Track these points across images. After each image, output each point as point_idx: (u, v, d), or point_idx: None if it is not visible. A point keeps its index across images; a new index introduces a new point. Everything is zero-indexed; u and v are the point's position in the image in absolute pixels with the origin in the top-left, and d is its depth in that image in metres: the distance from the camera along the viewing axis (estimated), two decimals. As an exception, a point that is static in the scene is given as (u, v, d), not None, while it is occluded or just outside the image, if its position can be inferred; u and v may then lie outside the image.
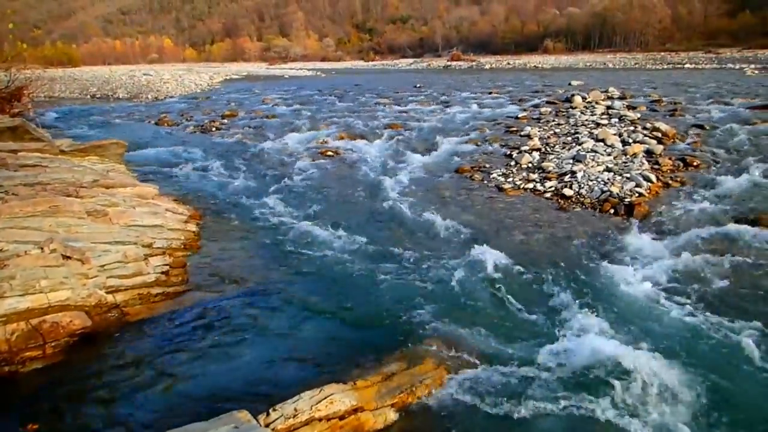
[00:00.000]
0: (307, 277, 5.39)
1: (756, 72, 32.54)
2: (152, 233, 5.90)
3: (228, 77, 53.11)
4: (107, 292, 4.62)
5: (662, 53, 72.10)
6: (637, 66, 51.52)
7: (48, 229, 4.97)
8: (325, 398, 3.19)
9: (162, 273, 5.29)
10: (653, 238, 6.12)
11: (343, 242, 6.24)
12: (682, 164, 9.04)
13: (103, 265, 4.83)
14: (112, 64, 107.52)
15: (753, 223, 6.27)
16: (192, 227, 6.66)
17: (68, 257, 4.59)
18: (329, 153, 11.67)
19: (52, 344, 3.99)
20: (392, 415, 3.33)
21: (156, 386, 3.68)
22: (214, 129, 15.94)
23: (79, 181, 6.69)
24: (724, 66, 42.43)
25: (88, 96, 32.19)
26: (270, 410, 3.03)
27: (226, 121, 17.67)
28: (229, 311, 4.71)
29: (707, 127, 12.03)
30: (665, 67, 47.04)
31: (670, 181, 8.19)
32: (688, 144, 10.62)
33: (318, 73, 61.20)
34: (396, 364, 3.73)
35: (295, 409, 3.06)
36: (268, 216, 7.38)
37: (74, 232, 5.11)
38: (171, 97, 28.99)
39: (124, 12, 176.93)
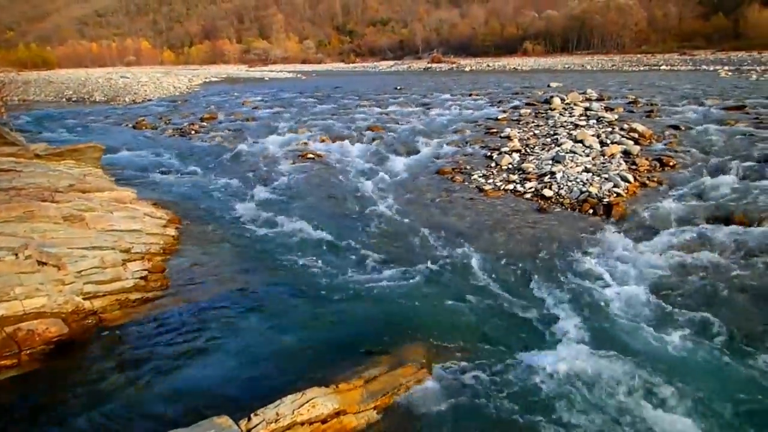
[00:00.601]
0: (288, 281, 5.36)
1: (729, 73, 33.21)
2: (130, 238, 5.82)
3: (207, 80, 52.63)
4: (84, 299, 4.54)
5: (638, 55, 73.22)
6: (614, 68, 52.22)
7: (23, 235, 4.87)
8: (307, 402, 3.17)
9: (140, 278, 5.23)
10: (631, 238, 6.20)
11: (324, 246, 6.22)
12: (658, 164, 9.18)
13: (79, 271, 4.75)
14: (89, 67, 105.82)
15: (726, 221, 6.41)
16: (171, 231, 6.58)
17: (44, 263, 4.50)
18: (310, 156, 11.62)
19: (28, 352, 3.91)
20: (375, 418, 3.33)
21: (134, 393, 3.63)
22: (193, 132, 15.78)
23: (54, 185, 6.58)
24: (698, 68, 43.24)
25: (64, 99, 31.67)
26: (251, 415, 3.01)
27: (205, 124, 17.51)
28: (209, 316, 4.66)
29: (683, 128, 12.25)
30: (642, 68, 47.77)
31: (647, 181, 8.31)
32: (665, 144, 10.79)
33: (298, 76, 60.96)
34: (378, 367, 3.73)
35: (277, 414, 3.04)
36: (248, 220, 7.32)
37: (50, 238, 5.02)
38: (149, 100, 28.65)
39: (100, 14, 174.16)
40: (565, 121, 13.17)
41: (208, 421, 2.91)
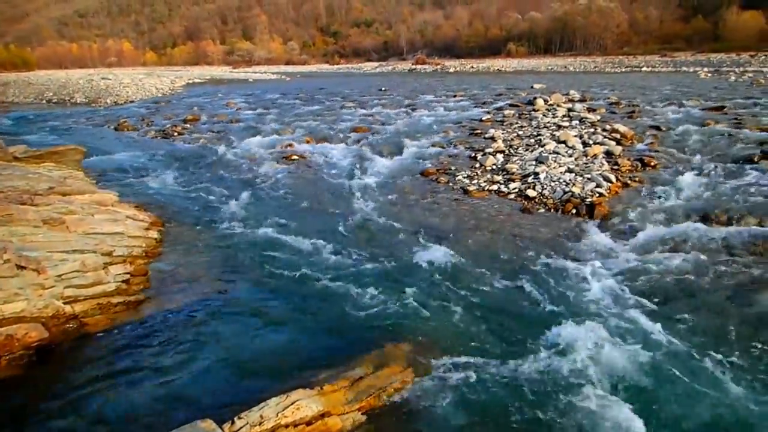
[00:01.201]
0: (272, 283, 5.33)
1: (709, 75, 33.73)
2: (112, 241, 5.75)
3: (190, 81, 52.20)
4: (65, 303, 4.48)
5: (620, 57, 74.11)
6: (596, 69, 52.75)
7: (1, 239, 4.79)
8: (292, 404, 3.15)
9: (122, 282, 5.17)
10: (614, 238, 6.28)
11: (308, 247, 6.20)
12: (640, 164, 9.29)
13: (60, 275, 4.68)
14: (69, 68, 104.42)
15: (706, 220, 6.51)
16: (154, 234, 6.52)
17: (23, 267, 4.43)
18: (294, 157, 11.58)
19: (7, 357, 3.85)
20: (360, 419, 3.33)
21: (117, 398, 3.58)
22: (176, 134, 15.64)
23: (34, 188, 6.48)
24: (679, 69, 43.83)
25: (44, 101, 31.20)
26: (235, 418, 2.99)
27: (188, 125, 17.37)
28: (192, 319, 4.63)
29: (663, 129, 12.42)
30: (623, 70, 48.29)
31: (629, 181, 8.40)
32: (646, 145, 10.93)
33: (283, 77, 60.72)
34: (363, 368, 3.72)
35: (261, 417, 3.02)
36: (232, 222, 7.27)
37: (29, 241, 4.94)
38: (131, 101, 28.33)
39: (81, 15, 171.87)
40: (549, 122, 13.28)
41: (191, 425, 2.88)
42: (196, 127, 16.93)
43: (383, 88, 32.51)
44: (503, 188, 8.50)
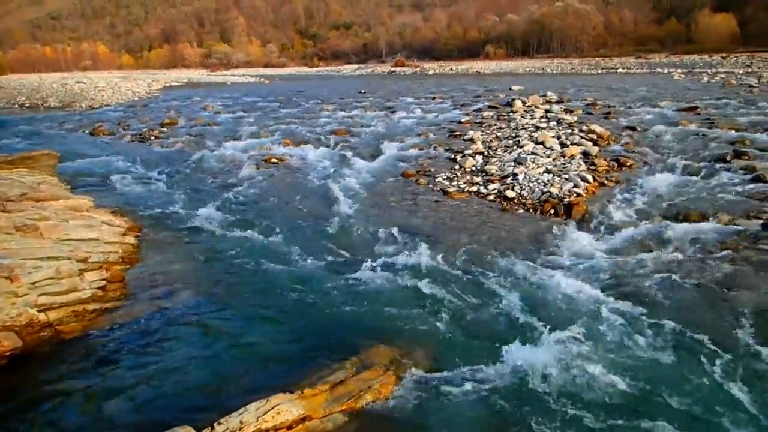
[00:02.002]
0: (251, 287, 5.29)
1: (682, 76, 34.37)
2: (87, 247, 5.65)
3: (168, 84, 51.62)
4: (39, 311, 4.38)
5: (596, 58, 75.10)
6: (573, 71, 53.41)
7: (-28, 247, 4.68)
8: (272, 409, 3.13)
9: (98, 288, 5.08)
10: (591, 237, 6.35)
11: (288, 250, 6.17)
12: (616, 164, 9.43)
13: (33, 282, 4.58)
14: (43, 72, 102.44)
15: (681, 219, 6.63)
16: (130, 240, 6.43)
17: (-5, 275, 4.34)
18: (274, 160, 11.52)
19: (-21, 367, 3.76)
20: (341, 422, 3.31)
21: (93, 406, 3.53)
22: (153, 138, 15.44)
23: (6, 194, 6.35)
24: (653, 70, 44.57)
25: (16, 105, 30.55)
26: (214, 424, 2.95)
27: (165, 129, 17.16)
28: (170, 325, 4.57)
29: (639, 129, 12.63)
30: (599, 71, 48.95)
31: (606, 181, 8.52)
32: (622, 145, 11.10)
33: (261, 80, 60.38)
34: (344, 371, 3.71)
35: (241, 422, 2.99)
36: (211, 226, 7.20)
37: (1, 249, 4.83)
38: (107, 105, 27.88)
39: (54, 17, 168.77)
40: (527, 124, 13.41)
41: (170, 431, 2.85)
42: (173, 131, 16.73)
43: (363, 91, 32.52)
44: (482, 189, 8.56)
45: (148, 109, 25.02)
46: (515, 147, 10.77)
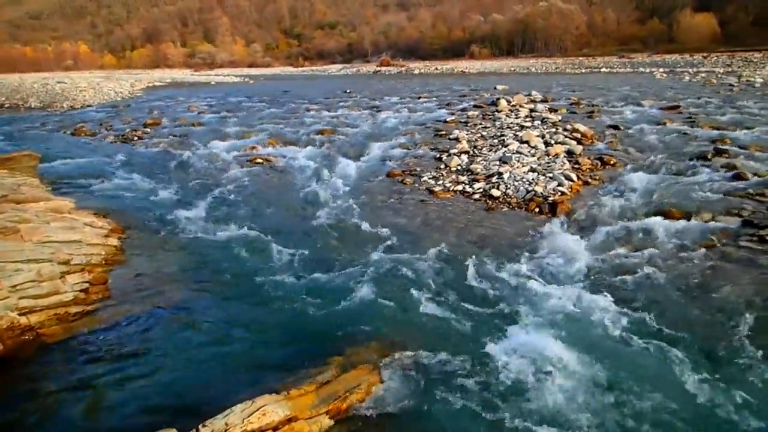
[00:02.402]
0: (236, 288, 5.25)
1: (664, 75, 34.80)
2: (69, 249, 5.57)
3: (151, 84, 51.12)
4: (20, 314, 4.32)
5: (580, 58, 75.78)
6: (557, 70, 53.80)
7: (-50, 250, 4.60)
8: (258, 410, 3.11)
9: (81, 291, 5.01)
10: (575, 235, 6.40)
11: (273, 251, 6.13)
12: (600, 163, 9.52)
13: (14, 286, 4.51)
14: (23, 72, 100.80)
15: (663, 216, 6.71)
16: (113, 241, 6.35)
17: (-26, 279, 4.26)
18: (259, 160, 11.45)
19: (-41, 372, 3.69)
20: (327, 423, 3.30)
21: (77, 409, 3.48)
22: (136, 138, 15.27)
23: (-15, 196, 6.25)
24: (636, 70, 45.07)
25: (-5, 106, 30.10)
26: (199, 426, 2.93)
27: (149, 130, 16.97)
28: (154, 327, 4.52)
29: (622, 128, 12.76)
30: (583, 71, 49.40)
31: (590, 180, 8.60)
32: (605, 144, 11.20)
33: (246, 80, 60.04)
34: (330, 371, 3.70)
35: (226, 424, 2.97)
36: (195, 227, 7.14)
37: (-20, 252, 4.75)
38: (89, 105, 27.51)
39: (34, 17, 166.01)
40: (512, 123, 13.48)
41: (154, 435, 2.82)
42: (157, 131, 16.56)
43: (348, 90, 32.48)
44: (468, 188, 8.59)
45: (131, 110, 24.74)
46: (500, 146, 10.82)
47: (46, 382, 3.80)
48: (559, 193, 7.85)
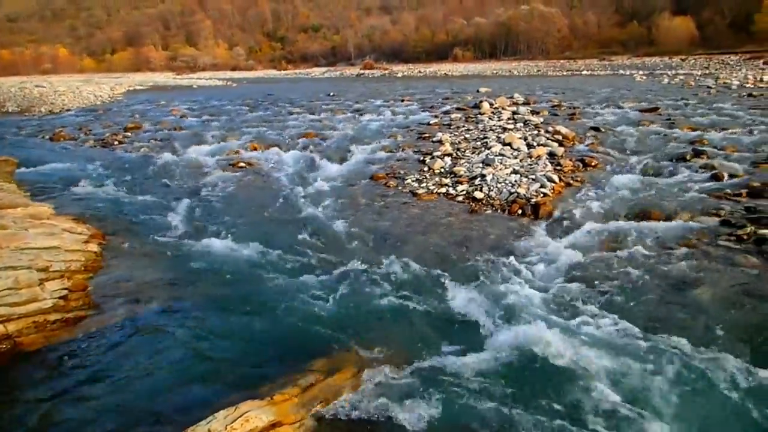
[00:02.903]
0: (218, 294, 5.20)
1: (644, 78, 35.31)
2: (48, 256, 5.47)
3: (132, 88, 50.60)
4: (-3, 323, 4.24)
5: (562, 61, 76.66)
6: (539, 73, 54.28)
7: (-77, 258, 4.50)
8: (241, 416, 3.08)
9: (60, 298, 4.93)
10: (558, 236, 6.45)
11: (256, 256, 6.09)
12: (581, 165, 9.61)
13: (-9, 294, 4.43)
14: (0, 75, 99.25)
15: (644, 216, 6.79)
16: (93, 247, 6.25)
17: (-52, 287, 4.17)
18: (241, 164, 11.38)
19: (-68, 383, 3.61)
20: (312, 427, 3.28)
21: (55, 419, 3.42)
22: (116, 143, 15.07)
23: (-41, 203, 6.12)
24: (616, 72, 45.67)
25: (-29, 110, 29.53)
26: (181, 434, 2.90)
27: (129, 134, 16.75)
28: (135, 333, 4.46)
29: (603, 130, 12.89)
30: (565, 73, 49.92)
31: (572, 181, 8.67)
32: (587, 145, 11.32)
33: (229, 83, 59.72)
34: (314, 375, 3.68)
35: (209, 431, 2.94)
36: (177, 232, 7.07)
37: (-45, 259, 4.66)
38: (68, 110, 27.09)
39: (11, 19, 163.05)
40: (494, 125, 13.56)
41: (134, 444, 2.78)
42: (137, 136, 16.36)
43: (332, 93, 32.45)
44: (451, 190, 8.61)
45: (112, 114, 24.43)
46: (483, 148, 10.87)
47: (23, 391, 3.73)
48: (542, 195, 7.91)
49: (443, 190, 8.72)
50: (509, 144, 10.89)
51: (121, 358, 4.10)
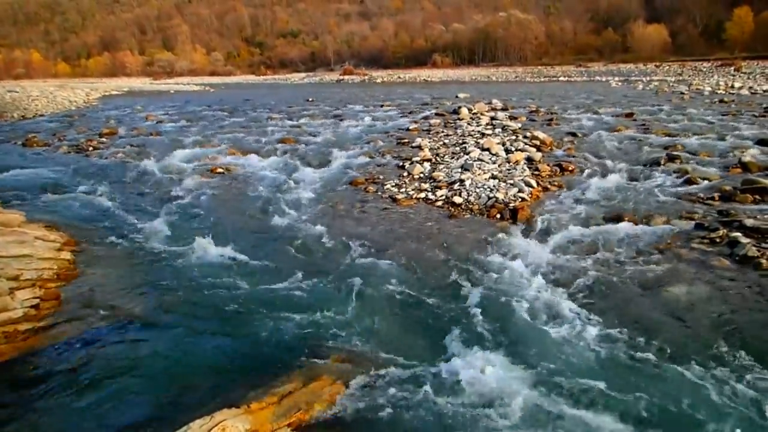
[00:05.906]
0: (194, 302, 5.11)
1: (619, 84, 35.96)
2: (18, 264, 5.35)
3: (107, 93, 49.92)
4: (-36, 333, 4.11)
5: (539, 67, 77.69)
6: (517, 79, 54.87)
7: None
8: (216, 425, 3.02)
9: (31, 307, 4.81)
10: (535, 240, 6.49)
11: (233, 263, 6.02)
12: (558, 169, 9.72)
13: (-42, 304, 4.30)
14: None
15: (620, 220, 6.88)
16: (66, 256, 6.12)
17: None
18: (219, 170, 11.26)
19: None
20: (289, 436, 3.24)
21: (26, 430, 3.32)
22: (91, 149, 14.80)
23: (-74, 210, 5.95)
24: (592, 78, 46.40)
25: (-60, 116, 28.77)
26: (155, 446, 2.83)
27: (104, 140, 16.48)
28: (108, 343, 4.36)
29: (579, 135, 13.09)
30: (542, 79, 50.54)
31: (549, 186, 8.75)
32: (564, 150, 11.47)
33: (207, 88, 59.23)
34: (292, 383, 3.64)
35: (184, 442, 2.88)
36: (151, 240, 6.94)
37: None
38: (41, 115, 26.54)
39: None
40: (473, 131, 13.65)
41: (105, 457, 2.71)
42: (113, 141, 16.11)
43: (311, 99, 32.39)
44: (430, 196, 8.63)
45: (86, 119, 24.01)
46: (462, 153, 10.92)
47: (-8, 403, 3.62)
48: (520, 200, 7.96)
49: (422, 195, 8.73)
50: (488, 149, 10.96)
51: (92, 368, 4.00)
